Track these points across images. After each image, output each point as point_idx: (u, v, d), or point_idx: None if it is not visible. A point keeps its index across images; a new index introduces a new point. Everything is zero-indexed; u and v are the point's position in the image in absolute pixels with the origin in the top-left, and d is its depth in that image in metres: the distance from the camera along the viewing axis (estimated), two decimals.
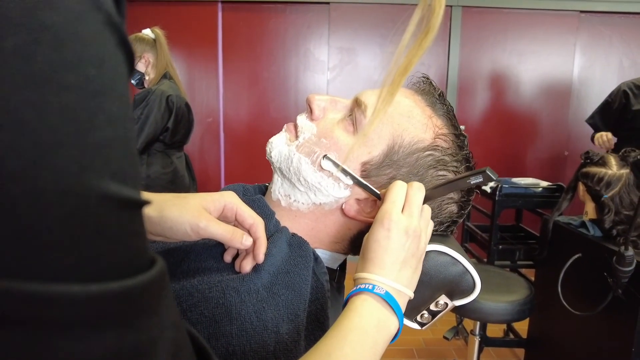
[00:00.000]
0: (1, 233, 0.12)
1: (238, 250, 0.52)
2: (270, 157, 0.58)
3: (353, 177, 0.53)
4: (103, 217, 0.15)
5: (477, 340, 1.77)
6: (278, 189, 0.58)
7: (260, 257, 0.48)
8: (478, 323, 1.77)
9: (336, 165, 0.53)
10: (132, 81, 2.01)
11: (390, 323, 0.45)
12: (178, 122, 2.00)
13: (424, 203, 0.51)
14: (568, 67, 3.25)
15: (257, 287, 0.45)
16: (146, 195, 0.42)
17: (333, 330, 0.42)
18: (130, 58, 0.17)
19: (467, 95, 3.26)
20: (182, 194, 0.50)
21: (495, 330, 2.31)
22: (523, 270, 2.22)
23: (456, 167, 0.55)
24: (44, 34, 0.13)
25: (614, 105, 2.28)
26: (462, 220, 0.59)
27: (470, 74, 3.24)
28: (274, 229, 0.54)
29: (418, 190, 0.50)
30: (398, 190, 0.50)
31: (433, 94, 0.57)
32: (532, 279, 1.97)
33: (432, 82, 0.59)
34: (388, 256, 0.47)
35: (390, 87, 0.41)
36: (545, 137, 3.32)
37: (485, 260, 2.15)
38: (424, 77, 0.59)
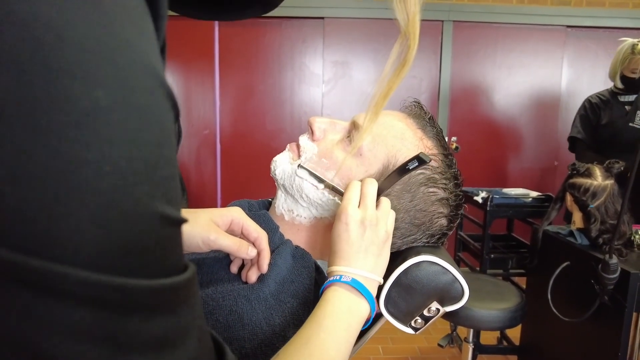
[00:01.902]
0: (104, 239, 0.18)
1: (244, 261, 0.57)
2: (275, 174, 0.63)
3: (322, 181, 0.59)
4: (162, 232, 0.20)
5: (470, 347, 1.81)
6: (282, 204, 0.63)
7: (265, 267, 0.53)
8: (471, 330, 1.81)
9: (310, 172, 0.59)
10: None
11: (360, 307, 0.50)
12: None
13: (380, 195, 0.56)
14: (556, 80, 3.35)
15: (265, 295, 0.50)
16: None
17: (310, 319, 0.47)
18: (177, 115, 0.23)
19: (459, 107, 3.34)
20: (192, 209, 0.54)
21: (489, 338, 2.35)
22: (516, 279, 2.27)
23: (445, 184, 0.60)
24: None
25: (590, 117, 2.33)
26: (451, 232, 0.64)
27: (461, 87, 3.32)
28: (278, 242, 0.58)
29: (370, 185, 0.56)
30: (353, 188, 0.56)
31: (424, 117, 0.63)
32: (524, 287, 2.02)
33: (423, 106, 0.64)
34: (349, 247, 0.52)
35: (374, 109, 0.49)
36: (535, 148, 3.40)
37: (477, 269, 2.20)
38: (415, 101, 0.65)
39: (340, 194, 0.58)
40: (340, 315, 0.47)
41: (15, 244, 0.16)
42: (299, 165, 0.59)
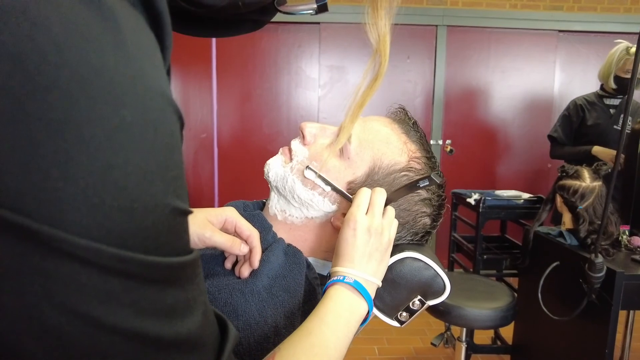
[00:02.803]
0: (129, 225, 0.23)
1: (237, 257, 0.60)
2: (268, 177, 0.66)
3: (330, 184, 0.62)
4: (173, 221, 0.26)
5: (463, 346, 1.85)
6: (275, 204, 0.66)
7: (256, 263, 0.57)
8: (464, 330, 1.85)
9: (316, 174, 0.62)
10: None
11: (360, 306, 0.53)
12: None
13: (387, 205, 0.60)
14: (549, 83, 3.40)
15: (258, 289, 0.53)
16: None
17: (313, 314, 0.51)
18: (182, 125, 0.28)
19: (453, 110, 3.39)
20: None
21: (483, 338, 2.39)
22: (510, 280, 2.31)
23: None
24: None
25: (572, 119, 2.43)
26: (435, 230, 0.68)
27: (455, 90, 3.37)
28: (271, 240, 0.62)
29: (380, 194, 0.59)
30: (363, 195, 0.59)
31: (408, 122, 0.66)
32: (517, 287, 2.06)
33: (407, 112, 0.68)
34: (355, 252, 0.55)
35: (351, 117, 0.56)
36: (528, 150, 3.44)
37: (471, 269, 2.24)
38: (400, 108, 0.68)
39: (345, 197, 0.62)
40: (341, 312, 0.51)
41: (66, 226, 0.21)
42: (307, 167, 0.63)
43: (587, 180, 1.66)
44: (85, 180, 0.21)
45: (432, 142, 3.38)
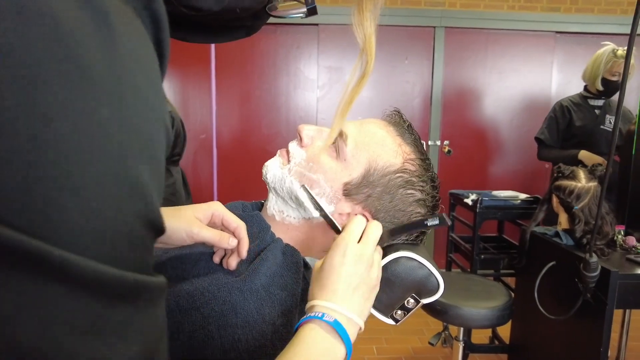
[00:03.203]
0: (100, 236, 0.20)
1: (225, 250, 0.61)
2: (266, 178, 0.68)
3: (320, 209, 0.62)
4: (144, 237, 0.23)
5: (461, 346, 1.86)
6: (273, 205, 0.68)
7: (243, 254, 0.58)
8: (462, 329, 1.86)
9: (309, 195, 0.62)
10: None
11: (337, 351, 0.47)
12: (177, 136, 2.14)
13: (379, 244, 0.58)
14: (546, 84, 3.42)
15: (257, 287, 0.55)
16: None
17: (281, 356, 0.45)
18: (169, 143, 0.27)
19: (451, 111, 3.40)
20: (176, 206, 0.60)
21: (481, 337, 2.41)
22: (508, 279, 2.32)
23: (422, 186, 0.65)
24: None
25: (558, 120, 2.46)
26: (429, 230, 0.69)
27: (453, 91, 3.39)
28: (269, 240, 0.63)
29: (375, 227, 0.57)
30: (357, 223, 0.57)
31: (402, 125, 0.68)
32: (514, 286, 2.07)
33: (402, 115, 0.69)
34: (341, 282, 0.51)
35: (340, 114, 0.55)
36: (526, 150, 3.46)
37: (468, 269, 2.25)
38: (395, 110, 0.70)
39: (333, 227, 0.61)
40: (312, 359, 0.45)
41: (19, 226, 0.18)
42: (302, 186, 0.62)
43: (582, 181, 1.68)
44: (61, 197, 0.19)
45: (430, 142, 3.39)
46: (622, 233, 1.73)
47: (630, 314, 2.06)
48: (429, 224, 0.57)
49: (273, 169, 0.67)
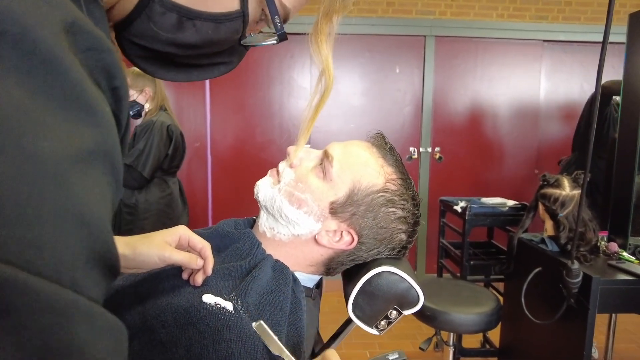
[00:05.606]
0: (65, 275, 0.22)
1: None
2: (258, 197, 0.72)
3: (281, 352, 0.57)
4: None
5: (451, 350, 1.91)
6: (264, 222, 0.72)
7: (209, 271, 0.62)
8: (452, 334, 1.91)
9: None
10: (130, 112, 2.14)
11: None
12: (176, 149, 2.15)
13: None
14: (535, 91, 3.49)
15: (248, 305, 0.59)
16: (120, 239, 0.60)
17: None
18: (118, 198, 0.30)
19: (441, 118, 3.46)
20: (147, 233, 0.64)
21: (473, 342, 2.45)
22: (499, 284, 2.37)
23: (403, 204, 0.70)
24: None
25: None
26: (411, 245, 0.74)
27: (443, 99, 3.45)
28: (260, 257, 0.68)
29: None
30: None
31: (385, 147, 0.72)
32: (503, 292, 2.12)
33: (385, 137, 0.74)
34: None
35: (305, 129, 0.62)
36: (515, 157, 3.53)
37: (458, 275, 2.30)
38: (378, 133, 0.75)
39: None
40: None
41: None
42: (259, 324, 0.58)
43: (567, 189, 1.73)
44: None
45: (421, 149, 3.45)
46: (605, 239, 1.79)
47: (617, 317, 2.12)
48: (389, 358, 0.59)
49: (264, 189, 0.71)
